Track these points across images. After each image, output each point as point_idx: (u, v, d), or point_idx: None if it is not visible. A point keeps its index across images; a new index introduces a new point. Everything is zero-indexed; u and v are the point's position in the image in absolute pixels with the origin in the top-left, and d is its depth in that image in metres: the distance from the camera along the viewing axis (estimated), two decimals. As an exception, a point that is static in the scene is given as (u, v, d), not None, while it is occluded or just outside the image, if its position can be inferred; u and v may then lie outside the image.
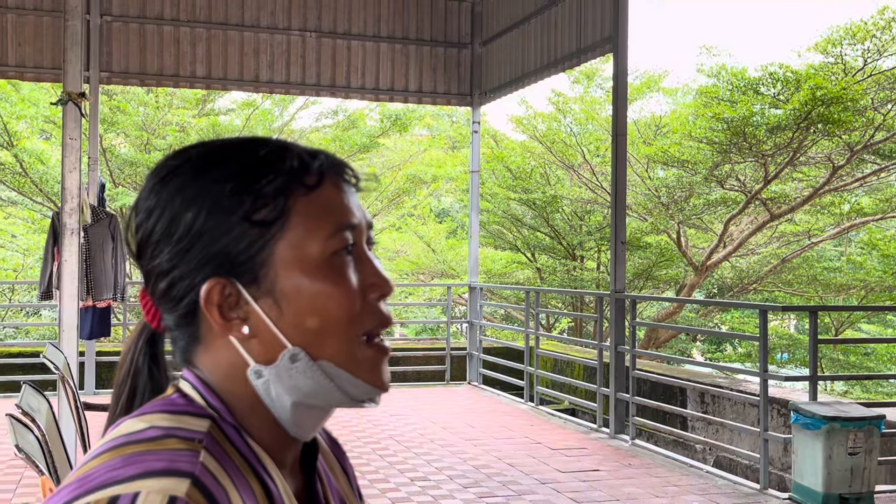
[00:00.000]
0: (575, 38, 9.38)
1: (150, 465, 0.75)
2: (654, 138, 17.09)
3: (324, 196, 0.86)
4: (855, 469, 5.83)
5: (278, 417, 0.86)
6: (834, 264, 19.32)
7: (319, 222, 0.85)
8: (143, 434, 0.79)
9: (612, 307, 8.34)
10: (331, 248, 0.85)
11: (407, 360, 12.03)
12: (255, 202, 0.84)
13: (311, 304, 0.84)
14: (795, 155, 14.52)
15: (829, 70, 14.01)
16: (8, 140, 15.45)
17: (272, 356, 0.85)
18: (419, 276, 19.93)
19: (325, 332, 0.84)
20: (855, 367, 16.50)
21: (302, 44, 11.01)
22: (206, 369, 0.87)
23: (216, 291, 0.84)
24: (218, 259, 0.84)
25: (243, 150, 0.87)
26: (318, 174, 0.87)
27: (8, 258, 17.38)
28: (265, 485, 0.83)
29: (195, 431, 0.81)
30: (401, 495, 6.14)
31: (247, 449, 0.85)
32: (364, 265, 0.88)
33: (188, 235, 0.84)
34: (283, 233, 0.84)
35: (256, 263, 0.84)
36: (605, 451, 7.63)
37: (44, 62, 10.06)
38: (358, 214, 0.89)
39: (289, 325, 0.84)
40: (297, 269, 0.84)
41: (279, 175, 0.85)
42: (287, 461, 0.90)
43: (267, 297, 0.84)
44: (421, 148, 20.80)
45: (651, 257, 17.24)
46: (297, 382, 0.85)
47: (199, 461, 0.77)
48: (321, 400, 0.86)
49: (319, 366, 0.85)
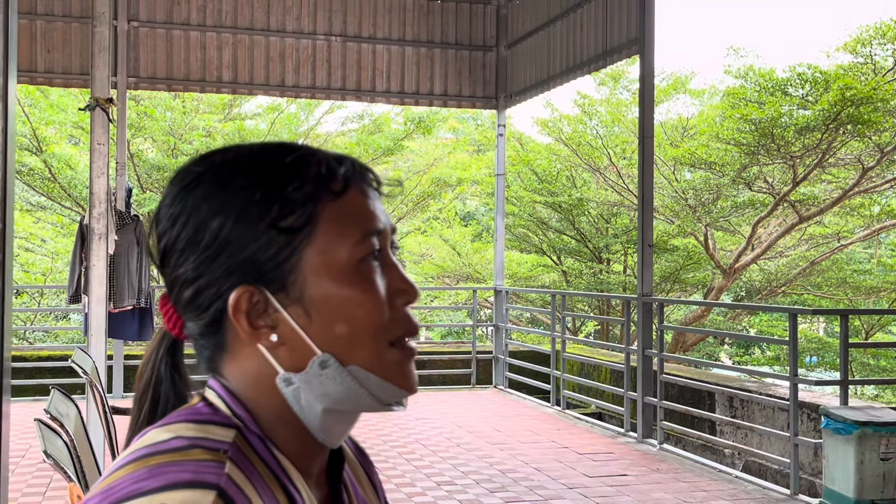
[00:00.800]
0: (601, 39, 9.33)
1: (175, 476, 0.74)
2: (681, 140, 16.99)
3: (350, 202, 0.86)
4: (887, 475, 5.74)
5: (308, 425, 0.86)
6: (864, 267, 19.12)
7: (347, 228, 0.84)
8: (167, 444, 0.78)
9: (639, 310, 8.28)
10: (359, 255, 0.84)
11: (433, 363, 12.02)
12: (283, 209, 0.83)
13: (340, 311, 0.83)
14: (824, 156, 14.38)
15: (858, 70, 13.86)
16: (37, 146, 15.61)
17: (301, 363, 0.84)
18: (445, 279, 19.92)
19: (354, 338, 0.84)
20: (886, 371, 16.31)
21: (327, 48, 11.04)
22: (233, 378, 0.86)
23: (244, 299, 0.83)
24: (245, 267, 0.83)
25: (269, 156, 0.87)
26: (344, 180, 0.86)
27: (37, 262, 17.56)
28: (290, 496, 0.82)
29: (221, 441, 0.80)
30: (427, 499, 6.12)
31: (272, 459, 0.84)
32: (390, 271, 0.87)
33: (215, 243, 0.83)
34: (311, 239, 0.84)
35: (285, 271, 0.83)
36: (632, 456, 7.58)
37: (72, 68, 10.14)
38: (383, 219, 0.88)
39: (318, 332, 0.84)
40: (325, 276, 0.83)
41: (306, 182, 0.85)
42: (313, 471, 0.89)
43: (296, 305, 0.83)
44: (446, 151, 20.80)
45: (678, 260, 17.13)
46: (327, 389, 0.84)
47: (224, 472, 0.76)
48: (351, 405, 0.86)
49: (349, 371, 0.84)
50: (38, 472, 6.60)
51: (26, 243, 17.55)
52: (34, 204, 17.35)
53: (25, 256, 17.57)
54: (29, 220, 17.66)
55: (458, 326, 19.96)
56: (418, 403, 10.07)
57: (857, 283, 17.21)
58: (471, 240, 21.03)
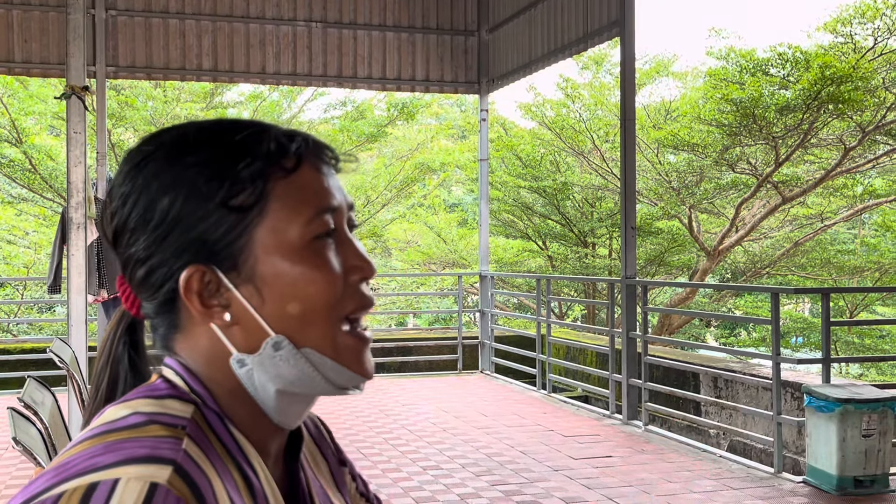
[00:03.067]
0: (582, 22, 9.32)
1: (131, 451, 0.73)
2: (664, 123, 17.00)
3: (303, 179, 0.85)
4: (869, 451, 5.79)
5: (263, 405, 0.85)
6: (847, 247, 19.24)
7: (299, 206, 0.83)
8: (125, 421, 0.77)
9: (623, 293, 8.30)
10: (311, 233, 0.83)
11: (419, 349, 12.02)
12: (233, 187, 0.82)
13: (292, 290, 0.82)
14: (806, 137, 14.42)
15: (838, 50, 13.89)
16: (17, 137, 15.49)
17: (255, 344, 0.83)
18: (430, 266, 19.91)
19: (307, 317, 0.83)
20: (870, 349, 16.43)
21: (308, 35, 10.97)
22: (188, 357, 0.85)
23: (196, 279, 0.82)
24: (196, 246, 0.82)
25: (219, 134, 0.85)
26: (296, 157, 0.85)
27: (20, 254, 17.45)
28: (245, 475, 0.81)
29: (179, 417, 0.79)
30: (413, 484, 6.13)
31: (229, 438, 0.83)
32: (345, 248, 0.86)
33: (165, 222, 0.82)
34: (262, 218, 0.82)
35: (236, 249, 0.82)
36: (618, 438, 7.61)
37: (50, 58, 10.05)
38: (338, 196, 0.87)
39: (271, 311, 0.83)
40: (277, 254, 0.82)
41: (256, 159, 0.83)
42: (271, 450, 0.88)
43: (248, 284, 0.82)
44: (429, 136, 20.77)
45: (663, 243, 17.17)
46: (280, 371, 0.83)
47: (181, 448, 0.75)
48: (305, 388, 0.85)
49: (303, 353, 0.83)
50: (23, 464, 6.57)
51: (8, 235, 17.43)
52: (15, 196, 17.23)
53: (7, 249, 17.46)
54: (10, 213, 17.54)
55: (444, 313, 19.97)
56: (404, 389, 10.07)
57: (840, 264, 17.30)
58: (456, 226, 21.02)
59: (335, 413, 8.58)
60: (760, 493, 5.86)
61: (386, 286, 21.62)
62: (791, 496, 5.82)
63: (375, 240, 19.68)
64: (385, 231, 19.84)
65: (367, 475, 6.36)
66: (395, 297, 19.70)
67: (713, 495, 5.82)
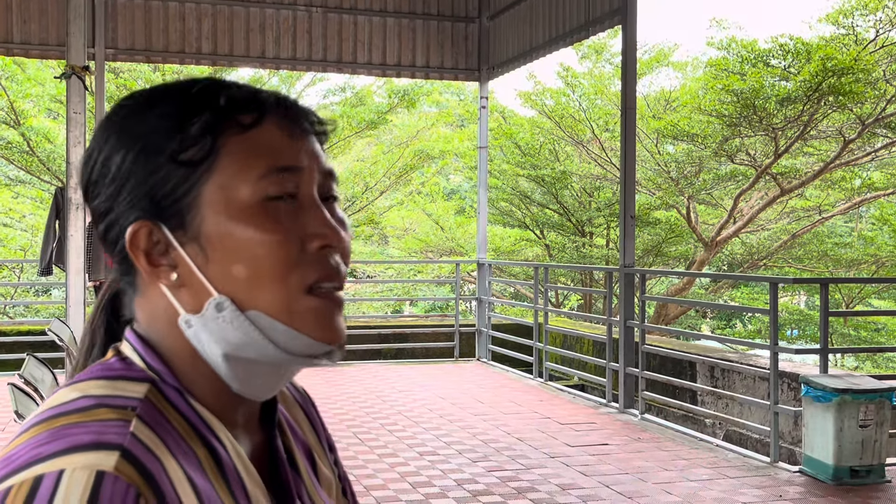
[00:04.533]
0: (583, 10, 9.28)
1: (76, 438, 0.71)
2: (663, 113, 16.98)
3: (262, 136, 0.81)
4: (866, 441, 5.80)
5: (218, 372, 0.82)
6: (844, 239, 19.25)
7: (252, 163, 0.79)
8: (73, 405, 0.75)
9: (621, 282, 8.30)
10: (263, 192, 0.79)
11: (416, 336, 12.02)
12: (183, 142, 0.80)
13: (237, 251, 0.79)
14: (806, 128, 14.41)
15: (840, 41, 13.86)
16: (15, 118, 15.44)
17: (201, 305, 0.80)
18: (428, 253, 19.91)
19: (254, 281, 0.79)
20: (866, 342, 16.45)
21: (308, 19, 10.93)
22: (144, 321, 0.83)
23: (141, 236, 0.80)
24: (145, 202, 0.80)
25: (177, 90, 0.83)
26: (257, 113, 0.81)
27: (16, 237, 17.41)
28: (212, 448, 0.79)
29: (129, 398, 0.76)
30: (410, 469, 6.13)
31: (191, 412, 0.80)
32: (309, 213, 0.81)
33: (118, 176, 0.81)
34: (211, 174, 0.79)
35: (183, 206, 0.80)
36: (614, 426, 7.61)
37: (49, 39, 10.00)
38: (306, 159, 0.82)
39: (215, 272, 0.79)
40: (223, 213, 0.79)
41: (209, 113, 0.81)
42: (238, 420, 0.85)
43: (193, 243, 0.80)
44: (429, 123, 20.72)
45: (661, 233, 17.17)
46: (225, 333, 0.79)
47: (129, 431, 0.72)
48: (253, 353, 0.80)
49: (248, 316, 0.79)
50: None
51: (5, 218, 17.40)
52: (12, 178, 17.19)
53: (4, 231, 17.42)
54: (7, 195, 17.50)
55: (441, 300, 19.97)
56: (401, 375, 10.08)
57: (837, 256, 17.31)
58: (454, 214, 21.01)
59: (331, 398, 8.58)
60: (757, 483, 5.87)
61: (383, 273, 21.61)
62: (787, 485, 5.83)
63: (373, 227, 19.66)
64: (383, 218, 19.82)
65: (364, 460, 6.37)
66: (393, 285, 19.69)
67: (709, 484, 5.82)
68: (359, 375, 10.08)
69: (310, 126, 0.85)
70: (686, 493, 5.59)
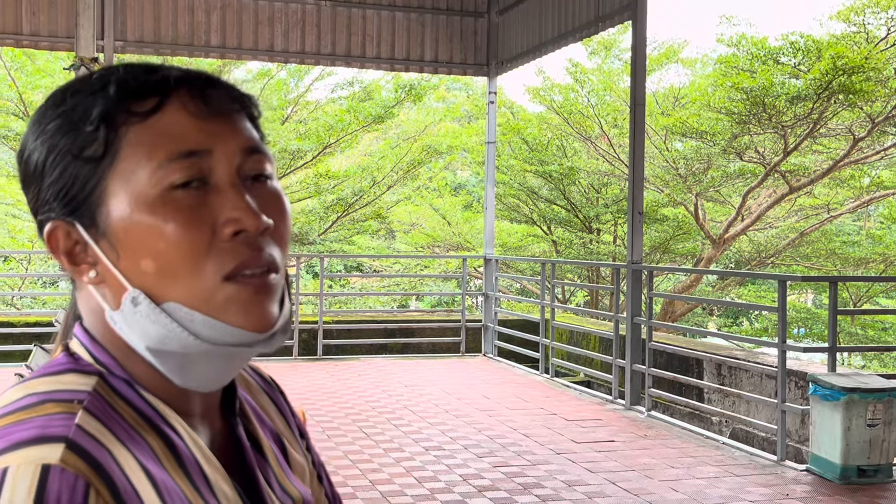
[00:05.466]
0: (593, 6, 9.25)
1: (19, 435, 0.69)
2: (672, 109, 16.92)
3: (163, 122, 0.77)
4: (874, 441, 5.77)
5: (153, 364, 0.80)
6: (853, 238, 19.17)
7: (151, 151, 0.76)
8: (17, 404, 0.73)
9: (628, 278, 8.27)
10: (166, 180, 0.76)
11: (422, 331, 12.01)
12: (85, 138, 0.78)
13: (142, 245, 0.76)
14: (816, 126, 14.35)
15: (851, 39, 13.80)
16: (23, 110, 15.46)
17: (119, 300, 0.78)
18: (434, 248, 19.89)
19: (164, 274, 0.76)
20: (873, 341, 16.39)
21: (317, 13, 10.92)
22: (84, 314, 0.83)
23: (58, 236, 0.79)
24: (60, 199, 0.79)
25: (80, 82, 0.81)
26: (156, 97, 0.78)
27: (24, 228, 17.45)
28: (166, 437, 0.78)
29: (76, 392, 0.75)
30: (415, 464, 6.12)
31: (142, 402, 0.79)
32: (222, 197, 0.77)
33: (36, 176, 0.80)
34: (114, 167, 0.77)
35: (92, 203, 0.78)
36: (620, 423, 7.60)
37: (58, 31, 10.00)
38: (216, 140, 0.78)
39: (127, 267, 0.77)
40: (127, 206, 0.76)
41: (103, 102, 0.78)
42: (195, 409, 0.83)
43: (104, 239, 0.78)
44: (437, 118, 20.69)
45: (668, 230, 17.13)
46: (144, 328, 0.77)
47: (74, 423, 0.71)
48: (176, 345, 0.77)
49: (164, 309, 0.77)
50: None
51: (13, 209, 17.42)
52: (21, 170, 17.22)
53: (12, 223, 17.46)
54: (15, 186, 17.52)
55: (447, 295, 19.96)
56: (407, 370, 10.07)
57: (845, 255, 17.26)
58: (461, 209, 20.98)
59: (337, 392, 8.58)
60: (763, 481, 5.85)
61: (389, 268, 21.60)
62: (794, 484, 5.81)
63: (380, 221, 19.65)
64: (390, 213, 19.80)
65: (370, 454, 6.36)
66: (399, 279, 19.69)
67: (716, 481, 5.81)
68: (364, 370, 10.08)
69: (229, 103, 0.81)
70: (692, 491, 5.58)
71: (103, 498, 0.68)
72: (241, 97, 0.83)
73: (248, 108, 0.84)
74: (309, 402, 7.99)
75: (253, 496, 0.84)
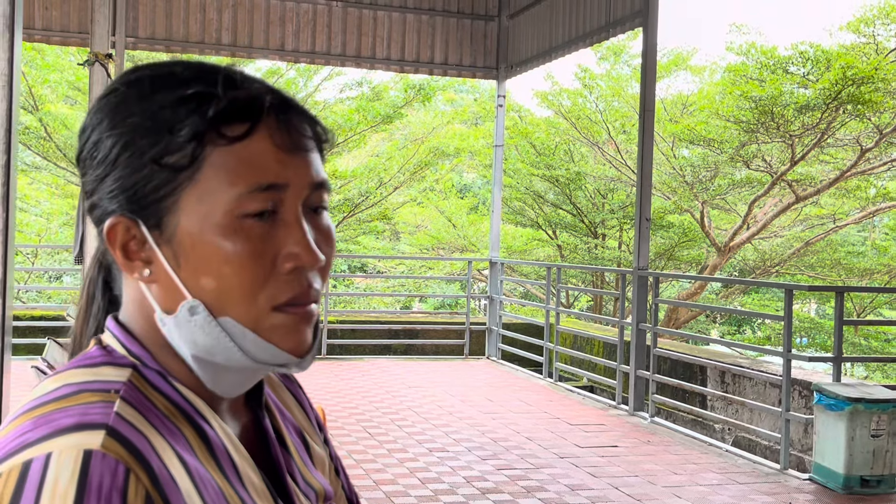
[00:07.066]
0: (604, 11, 9.27)
1: (60, 423, 0.71)
2: (680, 116, 16.94)
3: (249, 150, 0.78)
4: (877, 451, 5.78)
5: (190, 367, 0.83)
6: (858, 249, 19.16)
7: (234, 178, 0.78)
8: (55, 393, 0.75)
9: (634, 284, 8.28)
10: (240, 209, 0.78)
11: (426, 333, 12.03)
12: (169, 145, 0.78)
13: (206, 264, 0.78)
14: (823, 136, 14.36)
15: (860, 50, 13.81)
16: (33, 104, 15.51)
17: (173, 305, 0.80)
18: (439, 250, 19.91)
19: (222, 294, 0.79)
20: (876, 352, 16.38)
21: (328, 13, 10.95)
22: (125, 305, 0.84)
23: (119, 230, 0.81)
24: (127, 195, 0.80)
25: (173, 85, 0.81)
26: (248, 123, 0.79)
27: (32, 223, 17.50)
28: (199, 428, 0.80)
29: (112, 382, 0.77)
30: (419, 465, 6.14)
31: (176, 394, 0.81)
32: (287, 231, 0.80)
33: (105, 163, 0.81)
34: (193, 182, 0.78)
35: (162, 208, 0.79)
36: (623, 428, 7.61)
37: (70, 26, 10.04)
38: (293, 175, 0.80)
39: (187, 278, 0.79)
40: (198, 224, 0.78)
41: (198, 120, 0.78)
42: (223, 403, 0.85)
43: (167, 246, 0.80)
44: (444, 120, 20.71)
45: (674, 237, 17.13)
46: (195, 336, 0.80)
47: (112, 411, 0.73)
48: (222, 358, 0.80)
49: (220, 323, 0.79)
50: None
51: (21, 203, 17.47)
52: (29, 164, 17.25)
53: (20, 217, 17.50)
54: (24, 181, 17.57)
55: (451, 297, 19.97)
56: (410, 372, 10.09)
57: (850, 265, 17.25)
58: (466, 212, 21.00)
59: (341, 391, 8.60)
60: (766, 489, 5.86)
61: (394, 269, 21.62)
62: (797, 493, 5.82)
63: (386, 222, 19.67)
64: (395, 214, 19.83)
65: (374, 454, 6.38)
66: (404, 280, 19.71)
67: (719, 489, 5.82)
68: (368, 370, 10.10)
69: (309, 136, 0.83)
70: (695, 498, 5.59)
71: (143, 483, 0.70)
72: (319, 130, 0.85)
73: (324, 142, 0.86)
74: (313, 400, 8.00)
75: (278, 487, 0.86)
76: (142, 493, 0.70)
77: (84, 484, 0.67)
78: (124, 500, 0.68)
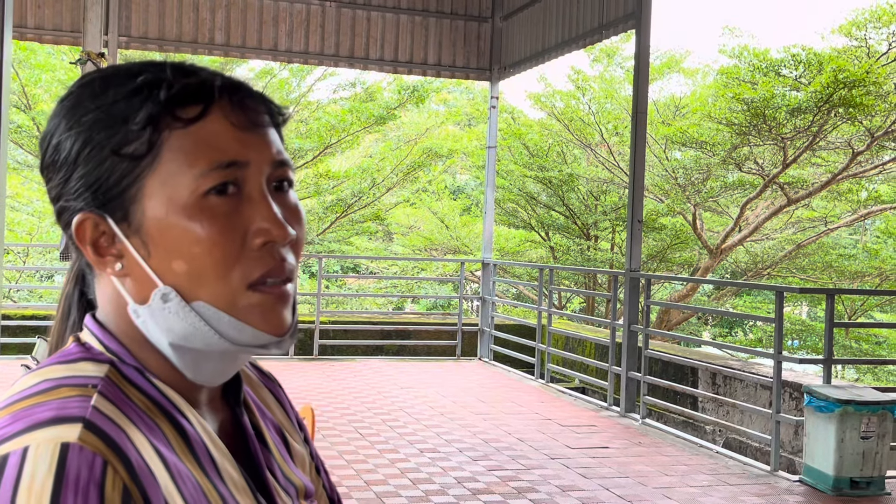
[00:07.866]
0: (598, 13, 9.29)
1: (37, 416, 0.72)
2: (672, 119, 16.97)
3: (205, 131, 0.80)
4: (867, 453, 5.80)
5: (169, 358, 0.83)
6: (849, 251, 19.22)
7: (193, 159, 0.79)
8: (33, 388, 0.76)
9: (626, 285, 8.30)
10: (203, 188, 0.78)
11: (418, 334, 12.03)
12: (126, 135, 0.79)
13: (176, 247, 0.79)
14: (815, 139, 14.41)
15: (852, 53, 13.86)
16: (26, 103, 15.47)
17: (146, 295, 0.81)
18: (432, 251, 19.91)
19: (195, 277, 0.79)
20: (867, 355, 16.44)
21: (322, 13, 10.94)
22: (101, 304, 0.85)
23: (87, 227, 0.81)
24: (92, 190, 0.81)
25: (124, 77, 0.82)
26: (201, 104, 0.80)
27: (23, 221, 17.44)
28: (178, 424, 0.80)
29: (90, 377, 0.77)
30: (410, 465, 6.14)
31: (153, 390, 0.81)
32: (253, 207, 0.80)
33: (66, 164, 0.81)
34: (154, 168, 0.79)
35: (126, 199, 0.80)
36: (615, 429, 7.62)
37: (63, 25, 10.01)
38: (253, 152, 0.81)
39: (157, 266, 0.80)
40: (163, 209, 0.79)
41: (151, 106, 0.79)
42: (201, 399, 0.86)
43: (136, 236, 0.80)
44: (437, 121, 20.72)
45: (666, 239, 17.17)
46: (170, 324, 0.80)
47: (90, 405, 0.73)
48: (200, 343, 0.80)
49: (194, 307, 0.80)
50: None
51: (12, 202, 17.41)
52: (20, 162, 17.21)
53: (11, 216, 17.44)
54: (16, 180, 17.53)
55: (443, 298, 19.97)
56: (402, 373, 10.09)
57: (841, 268, 17.30)
58: (459, 213, 21.01)
59: (333, 392, 8.59)
60: (756, 490, 5.88)
61: (386, 270, 21.61)
62: (787, 494, 5.84)
63: (378, 223, 19.67)
64: (388, 215, 19.82)
65: (365, 455, 6.38)
66: (396, 281, 19.71)
67: (709, 490, 5.83)
68: (360, 370, 10.10)
69: (264, 114, 0.84)
70: (685, 499, 5.60)
71: (120, 476, 0.70)
72: (274, 109, 0.86)
73: (281, 120, 0.87)
74: (304, 401, 8.00)
75: (257, 482, 0.86)
76: (119, 485, 0.70)
77: (61, 477, 0.68)
78: (102, 492, 0.69)
